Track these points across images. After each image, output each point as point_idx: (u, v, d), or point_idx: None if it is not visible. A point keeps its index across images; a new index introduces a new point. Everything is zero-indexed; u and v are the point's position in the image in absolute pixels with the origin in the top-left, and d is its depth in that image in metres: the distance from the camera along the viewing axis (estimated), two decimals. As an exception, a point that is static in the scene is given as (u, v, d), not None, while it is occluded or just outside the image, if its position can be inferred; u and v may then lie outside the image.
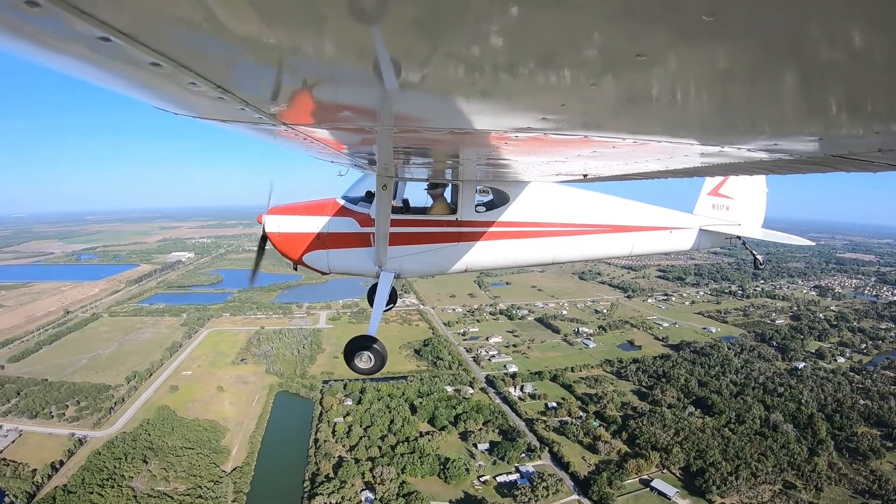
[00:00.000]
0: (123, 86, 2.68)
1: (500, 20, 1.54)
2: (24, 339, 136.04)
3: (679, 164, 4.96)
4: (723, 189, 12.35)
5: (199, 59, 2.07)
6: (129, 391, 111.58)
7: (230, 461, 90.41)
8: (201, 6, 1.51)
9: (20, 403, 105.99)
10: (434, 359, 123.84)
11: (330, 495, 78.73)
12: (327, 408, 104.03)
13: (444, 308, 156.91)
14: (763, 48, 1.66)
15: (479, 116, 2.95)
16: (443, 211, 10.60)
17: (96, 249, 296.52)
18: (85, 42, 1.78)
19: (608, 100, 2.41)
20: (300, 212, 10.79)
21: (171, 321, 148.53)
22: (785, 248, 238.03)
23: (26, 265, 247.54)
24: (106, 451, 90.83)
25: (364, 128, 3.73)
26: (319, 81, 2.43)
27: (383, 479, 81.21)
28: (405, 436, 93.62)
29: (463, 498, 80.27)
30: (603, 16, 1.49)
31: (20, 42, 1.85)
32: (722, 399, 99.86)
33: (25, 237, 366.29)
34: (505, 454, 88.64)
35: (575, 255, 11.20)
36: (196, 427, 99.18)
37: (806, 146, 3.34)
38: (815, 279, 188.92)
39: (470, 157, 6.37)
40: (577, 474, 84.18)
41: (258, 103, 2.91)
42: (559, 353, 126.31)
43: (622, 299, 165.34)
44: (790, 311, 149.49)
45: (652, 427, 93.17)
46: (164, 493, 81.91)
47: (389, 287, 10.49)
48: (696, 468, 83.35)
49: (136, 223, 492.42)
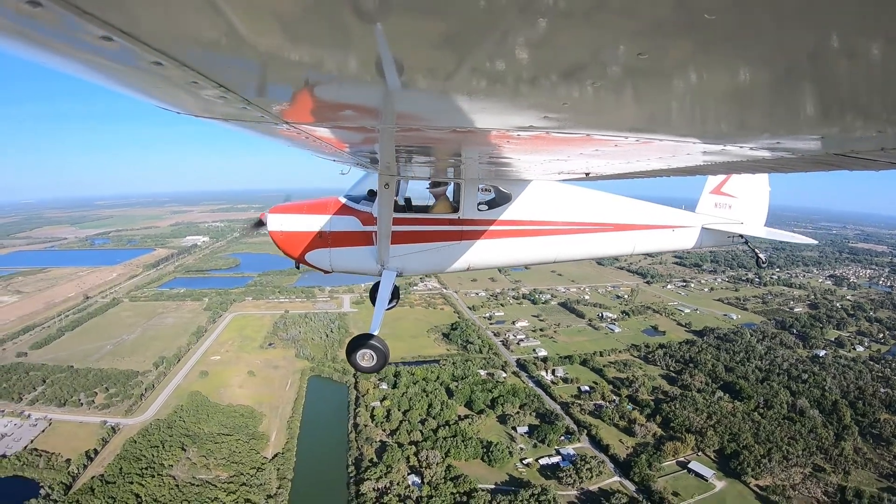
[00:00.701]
0: (125, 85, 2.71)
1: (503, 20, 1.55)
2: (44, 325, 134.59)
3: (681, 162, 5.04)
4: (725, 187, 12.45)
5: (201, 58, 2.08)
6: (158, 377, 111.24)
7: (270, 447, 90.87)
8: (203, 6, 1.52)
9: (47, 391, 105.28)
10: (464, 342, 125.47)
11: (378, 480, 79.95)
12: (363, 392, 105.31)
13: (466, 292, 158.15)
14: (765, 47, 1.67)
15: (481, 115, 2.98)
16: (445, 209, 10.63)
17: (109, 234, 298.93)
18: (87, 41, 1.78)
19: (610, 98, 2.44)
20: (302, 210, 10.85)
21: (194, 305, 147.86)
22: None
23: (41, 251, 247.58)
24: (141, 439, 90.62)
25: (366, 127, 3.78)
26: (322, 81, 2.45)
27: (429, 463, 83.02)
28: (445, 419, 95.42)
29: (508, 480, 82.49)
30: (604, 14, 1.50)
31: (21, 42, 1.85)
32: (749, 384, 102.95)
33: (37, 223, 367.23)
34: (545, 437, 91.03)
35: (577, 254, 11.26)
36: (232, 413, 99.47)
37: (808, 145, 3.37)
38: (829, 268, 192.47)
39: (472, 156, 6.44)
40: (616, 456, 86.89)
41: (260, 102, 2.94)
42: (586, 338, 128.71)
43: (642, 285, 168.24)
44: (807, 299, 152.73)
45: (685, 410, 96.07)
46: (207, 481, 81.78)
47: (392, 285, 10.57)
48: (730, 451, 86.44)
49: (146, 207, 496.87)
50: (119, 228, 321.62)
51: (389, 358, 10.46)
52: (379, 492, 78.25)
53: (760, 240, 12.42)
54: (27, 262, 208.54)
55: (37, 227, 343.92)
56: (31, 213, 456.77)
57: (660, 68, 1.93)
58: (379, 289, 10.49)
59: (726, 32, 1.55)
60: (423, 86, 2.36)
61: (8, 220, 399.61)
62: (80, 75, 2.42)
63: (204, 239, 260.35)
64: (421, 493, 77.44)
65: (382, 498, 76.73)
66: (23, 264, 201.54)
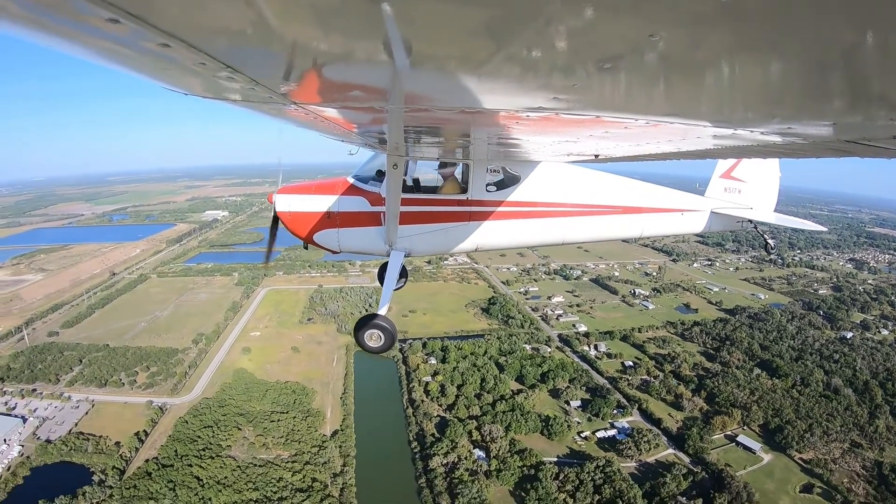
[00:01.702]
0: (133, 68, 2.73)
1: (514, 0, 1.55)
2: (73, 303, 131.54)
3: (691, 145, 5.15)
4: (735, 172, 12.52)
5: (209, 39, 2.11)
6: (199, 354, 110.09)
7: (327, 424, 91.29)
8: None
9: (85, 371, 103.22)
10: (504, 317, 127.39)
11: (445, 455, 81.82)
12: (413, 367, 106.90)
13: (498, 267, 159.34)
14: (777, 31, 1.66)
15: (490, 96, 3.02)
16: (453, 190, 10.73)
17: (126, 210, 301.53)
18: (94, 25, 1.79)
19: (620, 80, 2.49)
20: (311, 191, 10.98)
21: (224, 281, 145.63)
22: (818, 220, 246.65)
23: (59, 227, 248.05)
24: (193, 419, 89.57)
25: (375, 107, 3.84)
26: (330, 61, 2.48)
27: (493, 437, 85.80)
28: (500, 394, 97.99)
29: (569, 453, 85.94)
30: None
31: (28, 26, 1.86)
32: (785, 363, 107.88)
33: (51, 200, 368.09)
34: (599, 411, 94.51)
35: (585, 236, 11.33)
36: (283, 390, 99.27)
37: (819, 131, 3.42)
38: (849, 252, 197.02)
39: (481, 137, 6.53)
40: (668, 430, 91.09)
41: (268, 83, 2.97)
42: (621, 314, 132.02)
43: (669, 263, 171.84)
44: (830, 282, 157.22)
45: (727, 386, 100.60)
46: (269, 461, 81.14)
47: (400, 266, 10.69)
48: (774, 425, 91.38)
49: (159, 183, 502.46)
50: (135, 204, 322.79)
51: (397, 338, 10.59)
52: (447, 466, 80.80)
53: (770, 225, 12.49)
54: (47, 239, 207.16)
55: (51, 204, 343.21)
56: (43, 191, 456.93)
57: (671, 50, 1.90)
58: (387, 269, 10.66)
59: (739, 15, 1.53)
60: (431, 66, 2.37)
61: (21, 197, 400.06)
62: (88, 58, 2.41)
63: (224, 213, 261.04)
64: (489, 467, 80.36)
65: (453, 472, 79.37)
66: (43, 241, 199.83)
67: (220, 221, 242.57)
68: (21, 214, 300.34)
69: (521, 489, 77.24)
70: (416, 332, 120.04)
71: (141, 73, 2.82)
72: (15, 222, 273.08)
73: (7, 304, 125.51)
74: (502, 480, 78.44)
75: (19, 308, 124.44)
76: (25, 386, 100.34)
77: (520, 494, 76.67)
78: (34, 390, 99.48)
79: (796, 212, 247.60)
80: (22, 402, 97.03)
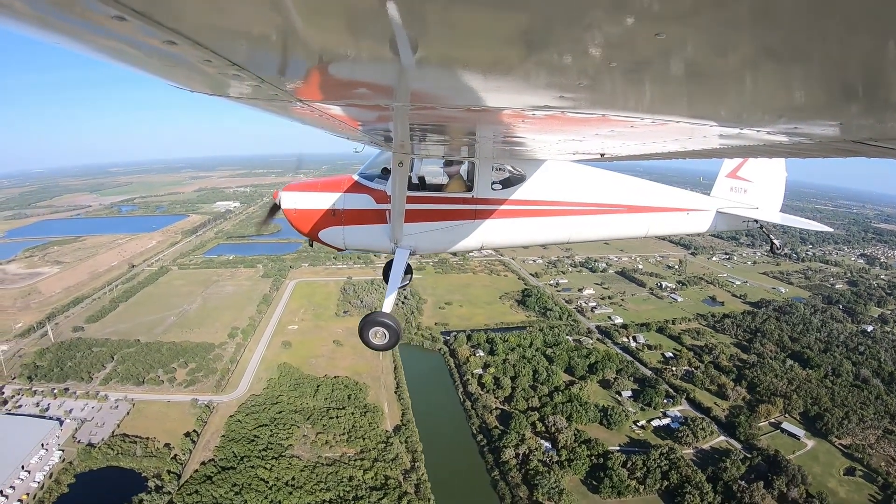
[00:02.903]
0: (138, 65, 2.78)
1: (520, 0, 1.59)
2: (94, 296, 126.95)
3: (697, 144, 5.25)
4: (741, 172, 12.64)
5: (215, 36, 2.16)
6: (237, 349, 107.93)
7: (386, 419, 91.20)
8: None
9: (119, 369, 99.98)
10: (541, 309, 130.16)
11: (516, 447, 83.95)
12: (462, 360, 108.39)
13: (524, 259, 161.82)
14: (784, 31, 1.68)
15: (496, 94, 3.07)
16: (459, 188, 10.86)
17: (134, 201, 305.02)
18: (100, 22, 1.84)
19: (627, 79, 2.53)
20: (316, 188, 11.17)
21: (248, 272, 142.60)
22: (823, 216, 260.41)
23: (68, 219, 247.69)
24: (245, 417, 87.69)
25: (381, 105, 3.90)
26: (336, 58, 2.52)
27: (559, 428, 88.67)
28: (553, 385, 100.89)
29: (628, 442, 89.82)
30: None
31: (35, 24, 1.91)
32: (815, 354, 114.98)
33: (55, 191, 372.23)
34: (651, 400, 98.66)
35: (591, 235, 11.52)
36: (336, 385, 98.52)
37: (826, 131, 3.47)
38: (858, 247, 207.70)
39: (486, 135, 6.68)
40: (717, 418, 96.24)
41: (274, 80, 3.02)
42: (652, 306, 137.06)
43: (688, 256, 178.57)
44: (845, 277, 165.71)
45: (766, 376, 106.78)
46: (335, 459, 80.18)
47: (405, 263, 10.87)
48: (814, 413, 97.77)
49: (163, 174, 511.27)
50: (142, 195, 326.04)
51: (402, 336, 10.65)
52: (519, 458, 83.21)
53: (775, 225, 12.63)
54: (58, 230, 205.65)
55: (56, 195, 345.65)
56: (46, 182, 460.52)
57: (677, 49, 1.96)
58: (392, 266, 10.80)
59: (745, 14, 1.55)
60: (437, 64, 2.44)
61: (25, 189, 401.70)
62: (94, 55, 2.49)
63: (235, 204, 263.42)
64: (559, 458, 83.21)
65: (527, 464, 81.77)
66: (54, 233, 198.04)
67: (233, 212, 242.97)
68: (26, 206, 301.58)
69: (591, 478, 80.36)
70: (457, 325, 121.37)
71: (147, 71, 2.88)
72: (21, 214, 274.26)
73: (25, 298, 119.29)
74: (574, 470, 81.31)
75: (38, 302, 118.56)
76: (56, 385, 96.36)
77: (591, 483, 79.84)
78: (66, 389, 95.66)
79: (801, 206, 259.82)
80: (55, 402, 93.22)
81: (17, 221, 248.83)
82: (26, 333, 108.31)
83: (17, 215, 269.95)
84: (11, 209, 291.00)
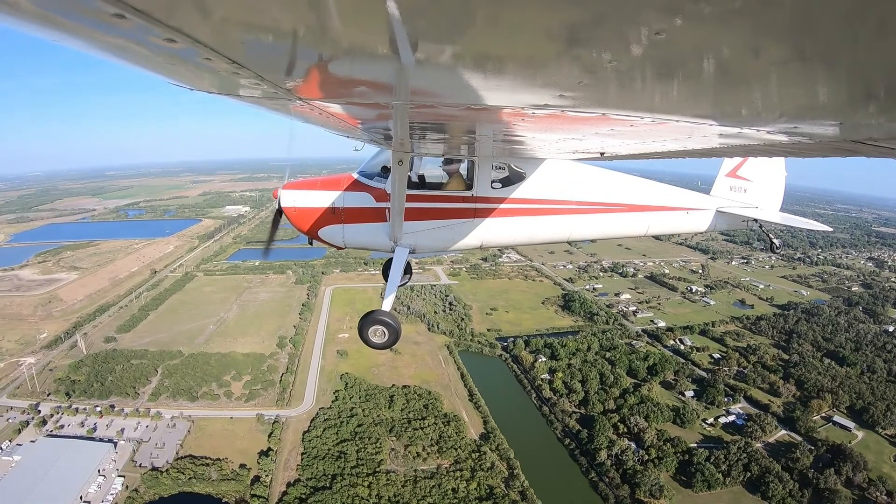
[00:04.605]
0: (138, 63, 2.92)
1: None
2: (120, 304, 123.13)
3: (697, 143, 5.50)
4: (741, 171, 13.19)
5: (215, 33, 2.26)
6: (291, 360, 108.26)
7: (469, 428, 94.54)
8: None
9: (166, 383, 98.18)
10: (587, 314, 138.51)
11: (608, 448, 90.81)
12: (527, 365, 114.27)
13: (554, 264, 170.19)
14: (785, 30, 1.76)
15: (496, 93, 3.23)
16: (458, 187, 11.38)
17: (139, 204, 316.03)
18: (100, 20, 1.91)
19: (627, 78, 2.65)
20: (316, 187, 11.74)
21: (280, 279, 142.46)
22: (825, 220, 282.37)
23: (75, 223, 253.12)
24: (324, 432, 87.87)
25: (380, 103, 4.13)
26: (336, 56, 2.63)
27: (641, 429, 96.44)
28: (621, 388, 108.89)
29: (703, 439, 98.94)
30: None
31: (34, 21, 1.99)
32: (848, 353, 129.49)
33: (56, 194, 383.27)
34: (713, 399, 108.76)
35: (590, 234, 12.06)
36: (409, 395, 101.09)
37: (826, 130, 3.63)
38: (865, 251, 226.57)
39: (486, 134, 7.04)
40: (776, 413, 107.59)
41: (274, 78, 3.19)
42: (688, 310, 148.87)
43: (709, 261, 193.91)
44: (858, 279, 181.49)
45: (810, 374, 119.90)
46: (433, 472, 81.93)
47: (404, 262, 11.43)
48: (859, 407, 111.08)
49: (162, 177, 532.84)
50: (147, 199, 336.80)
51: (401, 334, 11.10)
52: (613, 459, 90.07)
53: (775, 224, 13.16)
54: (66, 234, 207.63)
55: (57, 198, 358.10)
56: (45, 185, 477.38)
57: (677, 48, 2.05)
58: (392, 265, 11.36)
59: (745, 12, 1.62)
60: (437, 62, 2.55)
61: (23, 192, 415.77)
62: (93, 53, 2.62)
63: (246, 209, 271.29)
64: (649, 456, 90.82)
65: (623, 463, 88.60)
66: (63, 237, 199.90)
67: (246, 217, 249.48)
68: (28, 209, 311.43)
69: (680, 474, 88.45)
70: (509, 330, 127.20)
71: (147, 69, 3.05)
72: (24, 217, 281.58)
73: (47, 306, 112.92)
74: (665, 467, 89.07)
75: (60, 310, 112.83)
76: (99, 402, 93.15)
77: (681, 478, 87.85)
78: (112, 407, 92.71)
79: (801, 211, 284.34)
80: (101, 421, 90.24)
81: (21, 225, 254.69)
82: (53, 344, 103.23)
83: (21, 219, 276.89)
84: (13, 212, 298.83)
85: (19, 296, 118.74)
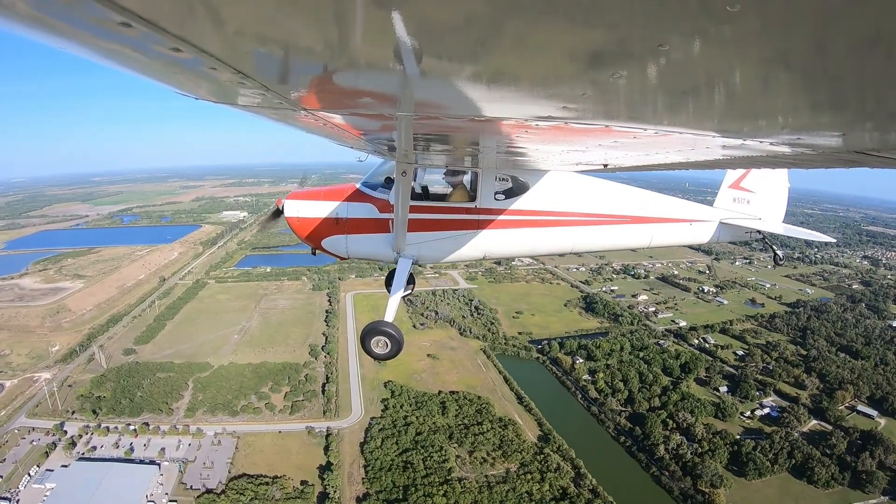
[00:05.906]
0: (143, 71, 3.02)
1: (523, 9, 1.74)
2: (132, 314, 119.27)
3: (700, 155, 5.69)
4: (744, 182, 13.94)
5: (223, 44, 2.35)
6: (328, 369, 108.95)
7: (526, 431, 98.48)
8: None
9: (200, 397, 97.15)
10: (612, 315, 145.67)
11: (662, 445, 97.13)
12: (567, 367, 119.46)
13: (567, 267, 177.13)
14: (788, 41, 1.81)
15: (499, 105, 3.37)
16: (462, 198, 12.01)
17: (132, 210, 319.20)
18: (105, 28, 1.98)
19: (630, 90, 2.76)
20: (319, 197, 12.50)
21: (295, 285, 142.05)
22: (815, 220, 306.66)
23: (68, 229, 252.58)
24: (383, 443, 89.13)
25: (384, 114, 4.31)
26: (342, 67, 2.74)
27: (690, 423, 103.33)
28: (661, 386, 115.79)
29: (744, 431, 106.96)
30: (624, 4, 1.66)
31: (39, 27, 2.06)
32: (861, 347, 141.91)
33: (44, 201, 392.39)
34: (747, 394, 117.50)
35: (593, 245, 12.72)
36: (461, 401, 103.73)
37: (829, 141, 3.75)
38: (859, 250, 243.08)
39: (490, 145, 7.32)
40: (806, 405, 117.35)
41: (279, 89, 3.32)
42: (704, 309, 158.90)
43: (713, 261, 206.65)
44: (857, 277, 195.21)
45: (830, 367, 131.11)
46: (504, 476, 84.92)
47: (407, 273, 12.10)
48: (878, 396, 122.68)
49: (151, 183, 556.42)
50: (139, 204, 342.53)
51: (403, 345, 11.74)
52: (671, 452, 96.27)
53: (778, 236, 13.80)
54: (63, 241, 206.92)
55: (47, 204, 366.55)
56: (32, 191, 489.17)
57: (680, 60, 2.14)
58: (395, 276, 12.02)
59: (748, 25, 1.68)
60: (441, 74, 2.70)
61: (10, 198, 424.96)
62: (98, 60, 2.72)
63: (244, 214, 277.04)
64: (702, 449, 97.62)
65: (681, 457, 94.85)
66: (60, 244, 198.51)
67: (245, 222, 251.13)
68: (18, 216, 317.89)
69: (732, 463, 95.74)
70: (539, 333, 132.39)
71: (151, 77, 3.16)
72: (15, 224, 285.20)
73: (55, 317, 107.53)
74: (718, 458, 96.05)
75: (70, 321, 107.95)
76: (131, 419, 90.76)
77: (732, 468, 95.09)
78: (147, 424, 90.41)
79: (791, 212, 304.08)
80: (137, 441, 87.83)
81: (13, 232, 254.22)
82: (69, 358, 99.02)
83: (11, 225, 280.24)
84: (3, 219, 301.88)
85: (24, 306, 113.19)
